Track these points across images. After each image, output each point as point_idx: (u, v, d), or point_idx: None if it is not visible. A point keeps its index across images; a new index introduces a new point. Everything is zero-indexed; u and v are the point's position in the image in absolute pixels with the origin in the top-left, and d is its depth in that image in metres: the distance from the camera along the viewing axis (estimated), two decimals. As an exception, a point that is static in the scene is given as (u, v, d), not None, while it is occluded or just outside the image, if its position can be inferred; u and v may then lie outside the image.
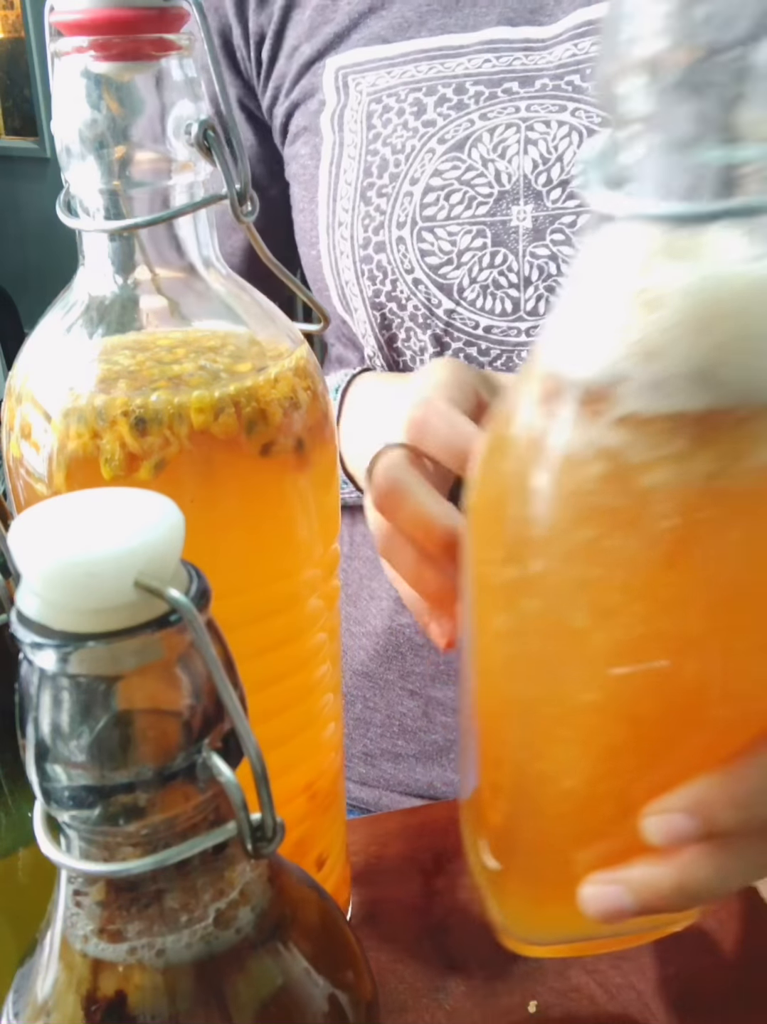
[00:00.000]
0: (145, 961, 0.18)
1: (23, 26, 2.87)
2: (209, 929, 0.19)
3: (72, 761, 0.17)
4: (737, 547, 0.22)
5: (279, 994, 0.20)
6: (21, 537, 0.16)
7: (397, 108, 0.50)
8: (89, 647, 0.16)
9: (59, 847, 0.18)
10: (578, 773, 0.27)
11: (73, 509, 0.17)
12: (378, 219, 0.50)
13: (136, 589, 0.16)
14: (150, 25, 0.27)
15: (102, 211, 0.29)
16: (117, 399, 0.28)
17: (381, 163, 0.50)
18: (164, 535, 0.17)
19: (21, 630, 0.16)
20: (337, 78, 0.52)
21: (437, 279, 0.50)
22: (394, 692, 0.59)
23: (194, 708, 0.17)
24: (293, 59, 0.53)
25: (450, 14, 0.50)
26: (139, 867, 0.18)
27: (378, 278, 0.51)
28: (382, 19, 0.51)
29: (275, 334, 0.32)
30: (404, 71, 0.50)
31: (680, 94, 0.19)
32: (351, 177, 0.52)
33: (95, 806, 0.17)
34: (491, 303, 0.49)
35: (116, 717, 0.17)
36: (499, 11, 0.50)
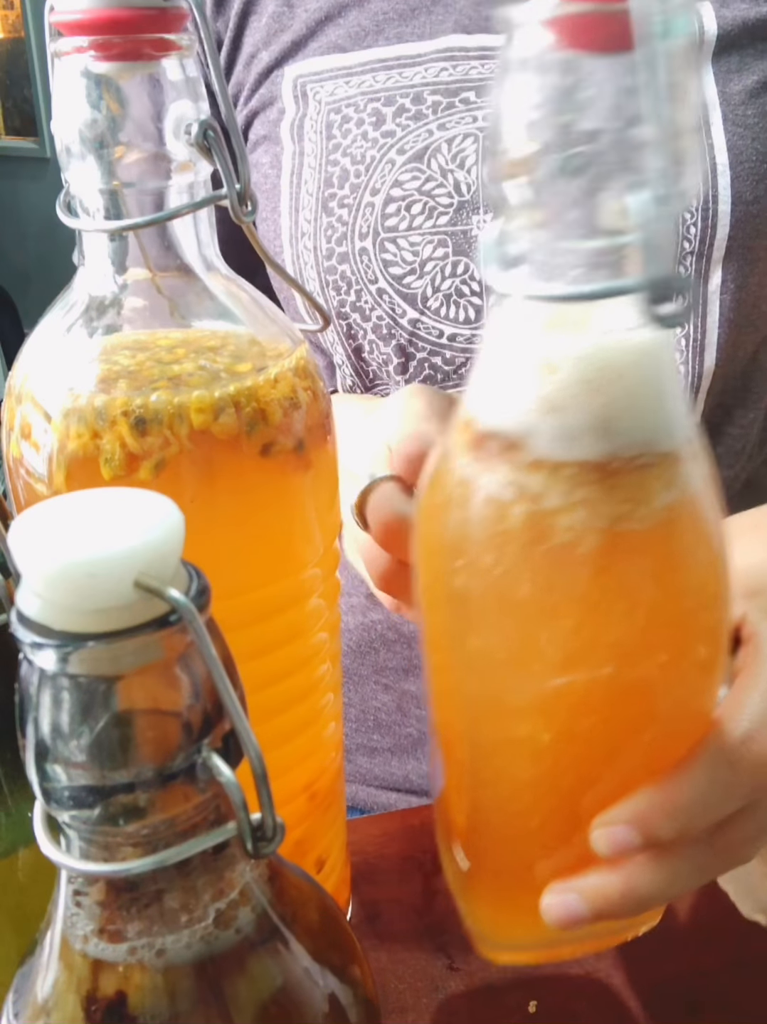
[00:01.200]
0: (145, 961, 0.18)
1: (23, 26, 2.87)
2: (209, 929, 0.19)
3: (72, 761, 0.17)
4: (647, 580, 0.25)
5: (279, 994, 0.20)
6: (22, 537, 0.16)
7: (356, 119, 0.50)
8: (89, 647, 0.16)
9: (59, 847, 0.18)
10: (525, 782, 0.28)
11: (74, 509, 0.18)
12: (340, 230, 0.51)
13: (136, 589, 0.16)
14: (150, 25, 0.27)
15: (102, 211, 0.29)
16: (117, 399, 0.28)
17: (342, 173, 0.50)
18: (164, 535, 0.17)
19: (21, 630, 0.16)
20: (295, 87, 0.52)
21: (401, 289, 0.50)
22: (368, 687, 0.59)
23: (194, 708, 0.17)
24: (251, 67, 0.53)
25: (406, 22, 0.50)
26: (139, 867, 0.18)
27: (343, 288, 0.51)
28: (339, 27, 0.51)
29: (275, 334, 0.32)
30: (362, 81, 0.50)
31: (553, 189, 0.22)
32: (312, 187, 0.52)
33: (95, 806, 0.17)
34: (455, 311, 0.50)
35: (116, 717, 0.17)
36: (455, 19, 0.50)
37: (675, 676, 0.26)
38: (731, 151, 0.46)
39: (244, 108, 0.54)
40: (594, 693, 0.26)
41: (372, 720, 0.59)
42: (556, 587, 0.25)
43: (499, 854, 0.31)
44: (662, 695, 0.26)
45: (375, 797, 0.60)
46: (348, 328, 0.53)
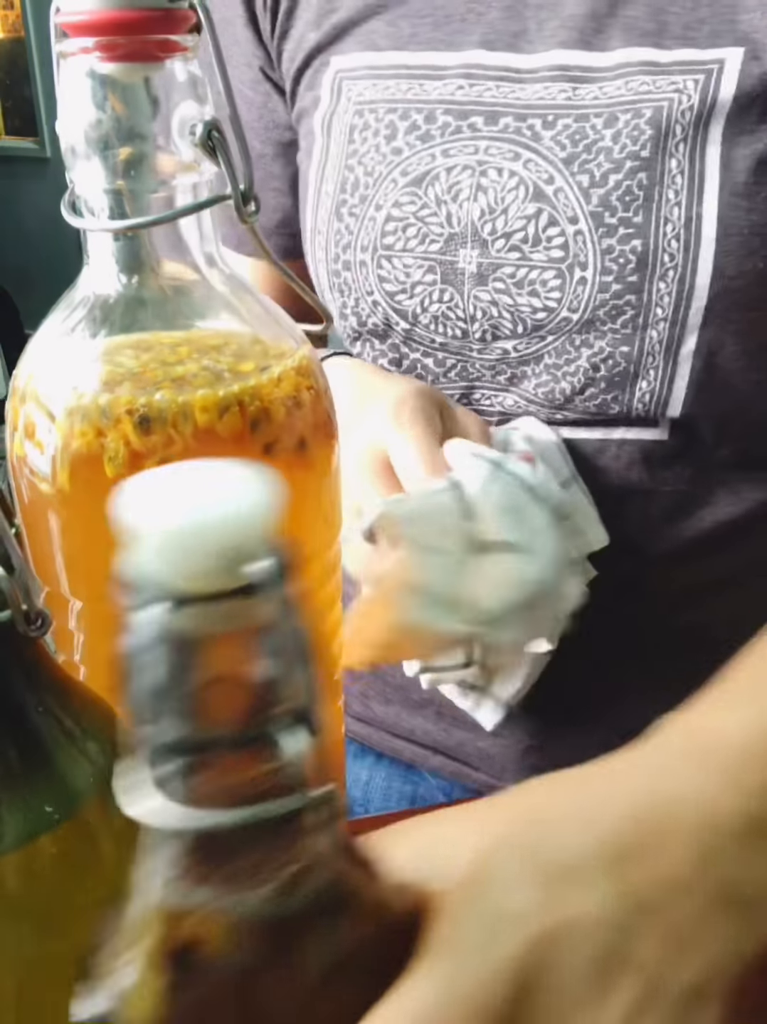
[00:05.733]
0: (221, 914, 0.20)
1: (23, 26, 2.88)
2: (280, 890, 0.20)
3: (163, 717, 0.18)
4: None
5: (343, 960, 0.21)
6: (131, 501, 0.17)
7: (374, 127, 0.51)
8: (185, 608, 0.17)
9: (140, 800, 0.19)
10: None
11: (179, 477, 0.18)
12: (347, 238, 0.51)
13: (226, 557, 0.17)
14: (155, 26, 0.27)
15: (106, 211, 0.29)
16: (121, 398, 0.28)
17: (355, 181, 0.51)
18: (260, 507, 0.18)
19: (126, 589, 0.17)
20: (335, 79, 0.53)
21: (393, 304, 0.51)
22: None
23: (275, 677, 0.18)
24: (302, 45, 0.54)
25: (439, 28, 0.50)
26: (218, 822, 0.19)
27: (344, 291, 0.53)
28: (380, 20, 0.51)
29: (278, 333, 0.32)
30: (387, 86, 0.51)
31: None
32: (330, 188, 0.52)
33: (180, 762, 0.18)
34: (443, 328, 0.51)
35: (204, 678, 0.18)
36: (482, 32, 0.49)
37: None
38: (721, 222, 0.45)
39: (292, 83, 0.55)
40: None
41: (384, 680, 0.61)
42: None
43: None
44: None
45: (387, 741, 0.63)
46: (345, 328, 0.55)
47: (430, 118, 0.49)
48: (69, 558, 0.30)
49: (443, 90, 0.49)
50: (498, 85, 0.48)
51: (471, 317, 0.50)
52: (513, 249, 0.48)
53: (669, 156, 0.45)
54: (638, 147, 0.45)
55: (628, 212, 0.45)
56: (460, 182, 0.48)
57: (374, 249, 0.50)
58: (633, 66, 0.46)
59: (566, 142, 0.46)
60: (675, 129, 0.45)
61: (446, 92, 0.49)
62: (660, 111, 0.45)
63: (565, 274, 0.47)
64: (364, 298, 0.52)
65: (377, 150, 0.50)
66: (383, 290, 0.51)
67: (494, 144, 0.48)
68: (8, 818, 0.24)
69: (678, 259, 0.45)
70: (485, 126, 0.48)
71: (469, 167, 0.48)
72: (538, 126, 0.47)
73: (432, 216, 0.49)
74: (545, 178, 0.47)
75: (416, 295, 0.50)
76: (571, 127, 0.46)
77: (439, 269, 0.49)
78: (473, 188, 0.48)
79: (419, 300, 0.50)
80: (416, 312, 0.51)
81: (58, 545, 0.30)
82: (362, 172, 0.51)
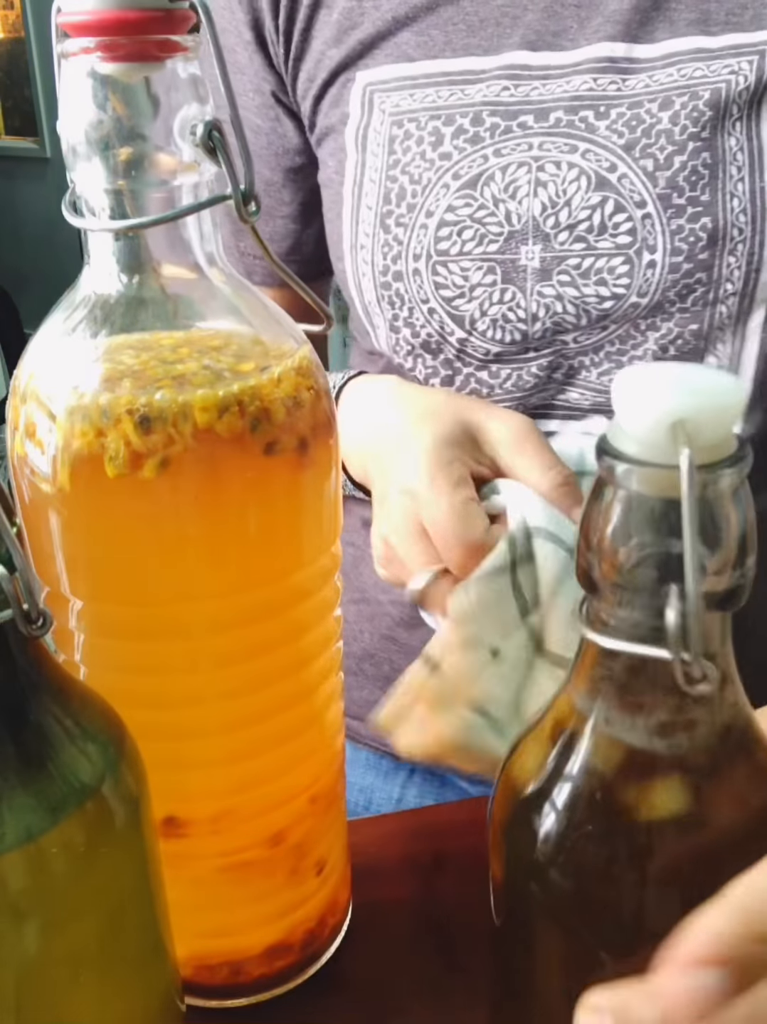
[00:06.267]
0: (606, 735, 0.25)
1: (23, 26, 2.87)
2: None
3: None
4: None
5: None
6: (625, 393, 0.22)
7: (417, 136, 0.50)
8: (662, 470, 0.22)
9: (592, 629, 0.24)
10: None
11: (664, 374, 0.23)
12: (396, 248, 0.51)
13: (682, 427, 0.21)
14: (156, 26, 0.27)
15: (107, 211, 0.29)
16: (121, 397, 0.28)
17: (400, 191, 0.51)
18: (721, 406, 0.22)
19: (609, 460, 0.22)
20: (364, 93, 0.52)
21: (450, 310, 0.51)
22: (417, 655, 0.60)
23: (729, 543, 0.22)
24: (321, 63, 0.53)
25: (474, 34, 0.50)
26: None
27: (396, 304, 0.52)
28: (409, 33, 0.51)
29: (278, 333, 0.32)
30: (426, 95, 0.50)
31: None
32: (371, 201, 0.52)
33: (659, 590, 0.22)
34: (501, 334, 0.51)
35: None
36: (522, 33, 0.49)
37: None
38: None
39: (313, 102, 0.55)
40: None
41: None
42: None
43: None
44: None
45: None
46: (396, 342, 0.54)
47: (477, 120, 0.49)
48: (70, 558, 0.30)
49: (487, 92, 0.49)
50: (543, 83, 0.49)
51: (533, 316, 0.50)
52: (578, 240, 0.48)
53: (727, 135, 0.47)
54: (698, 128, 0.47)
55: (695, 191, 0.47)
56: (517, 179, 0.48)
57: (428, 256, 0.50)
58: (683, 55, 0.47)
59: (623, 129, 0.47)
60: (732, 109, 0.46)
61: (490, 93, 0.49)
62: (718, 92, 0.46)
63: (633, 259, 0.47)
64: (419, 307, 0.51)
65: (423, 157, 0.50)
66: (440, 296, 0.51)
67: (548, 139, 0.48)
68: (8, 817, 0.24)
69: (746, 232, 0.47)
70: (536, 123, 0.49)
71: (525, 164, 0.48)
72: (591, 117, 0.48)
73: (490, 216, 0.49)
74: (607, 166, 0.47)
75: (475, 298, 0.50)
76: (626, 115, 0.47)
77: (499, 269, 0.49)
78: (532, 184, 0.48)
79: (478, 303, 0.50)
80: (474, 317, 0.50)
81: (59, 545, 0.30)
82: (407, 181, 0.50)
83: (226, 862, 0.35)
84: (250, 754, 0.34)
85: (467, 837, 0.46)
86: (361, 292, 0.54)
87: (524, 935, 0.28)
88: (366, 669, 0.64)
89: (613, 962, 0.25)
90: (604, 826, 0.25)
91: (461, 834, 0.46)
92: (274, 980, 0.39)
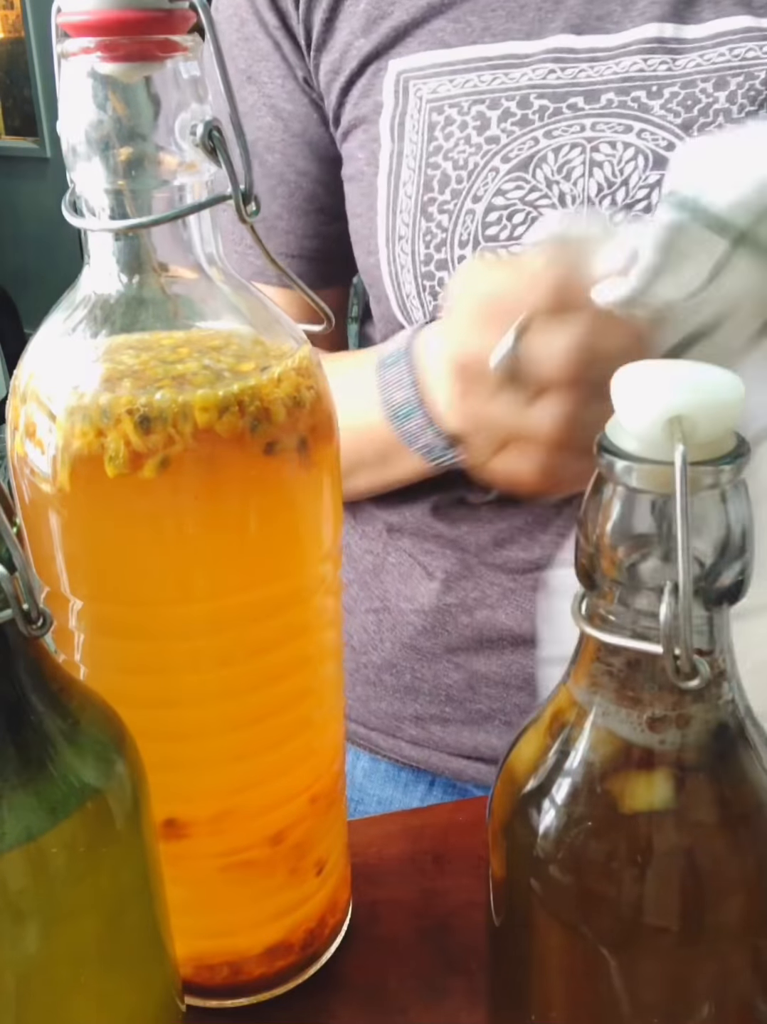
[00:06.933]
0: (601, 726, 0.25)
1: (23, 26, 2.88)
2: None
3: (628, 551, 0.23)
4: None
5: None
6: (624, 389, 0.23)
7: (459, 121, 0.49)
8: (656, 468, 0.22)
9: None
10: None
11: (664, 371, 0.23)
12: (440, 236, 0.50)
13: (674, 429, 0.22)
14: (156, 26, 0.27)
15: (107, 211, 0.29)
16: (122, 397, 0.28)
17: (442, 178, 0.49)
18: (720, 402, 0.22)
19: (609, 457, 0.23)
20: (398, 82, 0.51)
21: None
22: (440, 665, 0.60)
23: (726, 540, 0.23)
24: (348, 54, 0.52)
25: (515, 19, 0.49)
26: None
27: (440, 294, 0.51)
28: (445, 20, 0.50)
29: (278, 333, 0.32)
30: (467, 80, 0.49)
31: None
32: (411, 190, 0.51)
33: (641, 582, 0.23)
34: None
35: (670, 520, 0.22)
36: (565, 17, 0.48)
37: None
38: None
39: (339, 95, 0.53)
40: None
41: (444, 695, 0.60)
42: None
43: None
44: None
45: (447, 763, 0.62)
46: None
47: (524, 103, 0.48)
48: (70, 558, 0.30)
49: (532, 75, 0.48)
50: (591, 65, 0.48)
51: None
52: (634, 220, 0.47)
53: None
54: (756, 107, 0.46)
55: None
56: (571, 160, 0.47)
57: (475, 242, 0.49)
58: (734, 34, 0.47)
59: (679, 109, 0.47)
60: None
61: (536, 77, 0.48)
62: None
63: None
64: None
65: (468, 142, 0.49)
66: None
67: (601, 120, 0.47)
68: (8, 817, 0.24)
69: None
70: (587, 104, 0.48)
71: (578, 145, 0.47)
72: (643, 97, 0.47)
73: (542, 199, 0.48)
74: (664, 145, 0.47)
75: None
76: (679, 94, 0.47)
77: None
78: (587, 164, 0.47)
79: None
80: None
81: (59, 544, 0.30)
82: (451, 167, 0.49)
83: (226, 862, 0.35)
84: (250, 754, 0.34)
85: (467, 837, 0.46)
86: (399, 286, 0.53)
87: (523, 933, 0.28)
88: (386, 680, 0.62)
89: (612, 957, 0.25)
90: (602, 821, 0.25)
91: (461, 834, 0.46)
92: (274, 980, 0.39)
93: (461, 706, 0.60)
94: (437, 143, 0.50)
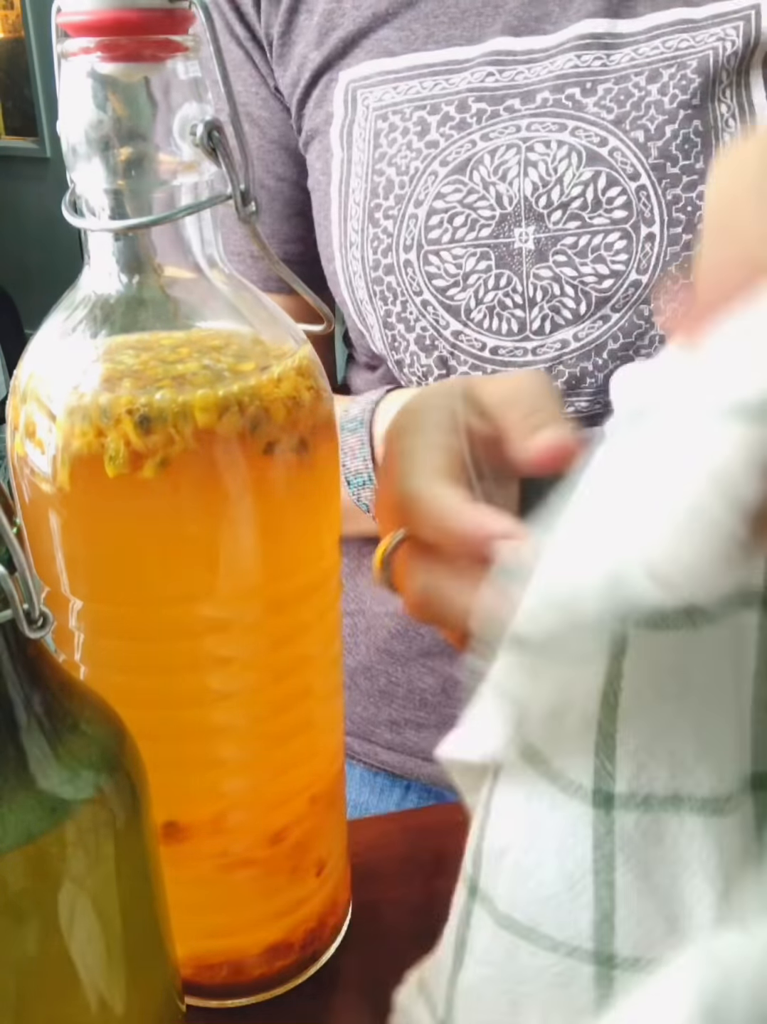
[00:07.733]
0: None
1: (23, 26, 2.87)
2: None
3: None
4: None
5: None
6: (623, 388, 0.22)
7: (402, 127, 0.50)
8: None
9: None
10: None
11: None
12: (386, 241, 0.50)
13: None
14: (156, 26, 0.27)
15: (107, 211, 0.29)
16: (122, 397, 0.28)
17: (387, 184, 0.50)
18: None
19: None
20: (347, 91, 0.52)
21: (445, 301, 0.50)
22: (414, 669, 0.60)
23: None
24: (304, 66, 0.53)
25: (456, 25, 0.50)
26: None
27: (388, 299, 0.51)
28: (390, 30, 0.51)
29: (278, 334, 0.32)
30: (409, 87, 0.50)
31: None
32: (359, 197, 0.51)
33: None
34: (497, 323, 0.50)
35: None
36: (504, 20, 0.49)
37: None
38: None
39: (299, 109, 0.54)
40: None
41: (418, 699, 0.60)
42: None
43: None
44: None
45: (422, 767, 0.62)
46: (392, 339, 0.53)
47: (462, 107, 0.49)
48: (70, 558, 0.30)
49: (471, 79, 0.49)
50: (528, 67, 0.48)
51: (530, 301, 0.49)
52: (572, 218, 0.47)
53: (718, 102, 0.46)
54: (688, 96, 0.46)
55: (690, 159, 0.46)
56: (507, 161, 0.48)
57: (419, 246, 0.49)
58: (667, 27, 0.47)
59: (612, 105, 0.47)
60: (722, 75, 0.46)
61: (474, 80, 0.49)
62: (706, 60, 0.46)
63: (631, 234, 0.47)
64: (412, 300, 0.51)
65: (409, 147, 0.49)
66: (433, 287, 0.50)
67: (536, 120, 0.48)
68: (8, 817, 0.24)
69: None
70: (522, 105, 0.48)
71: (514, 145, 0.48)
72: (578, 94, 0.47)
73: (480, 200, 0.48)
74: (597, 141, 0.47)
75: (470, 286, 0.49)
76: (613, 90, 0.47)
77: (493, 254, 0.48)
78: (522, 164, 0.48)
79: (473, 291, 0.49)
80: (470, 306, 0.49)
81: (59, 545, 0.30)
82: (394, 173, 0.50)
83: (226, 862, 0.35)
84: (250, 754, 0.34)
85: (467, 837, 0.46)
86: (353, 291, 0.53)
87: None
88: (360, 683, 0.62)
89: None
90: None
91: (461, 834, 0.46)
92: (274, 980, 0.39)
93: (436, 711, 0.59)
94: (382, 150, 0.50)
